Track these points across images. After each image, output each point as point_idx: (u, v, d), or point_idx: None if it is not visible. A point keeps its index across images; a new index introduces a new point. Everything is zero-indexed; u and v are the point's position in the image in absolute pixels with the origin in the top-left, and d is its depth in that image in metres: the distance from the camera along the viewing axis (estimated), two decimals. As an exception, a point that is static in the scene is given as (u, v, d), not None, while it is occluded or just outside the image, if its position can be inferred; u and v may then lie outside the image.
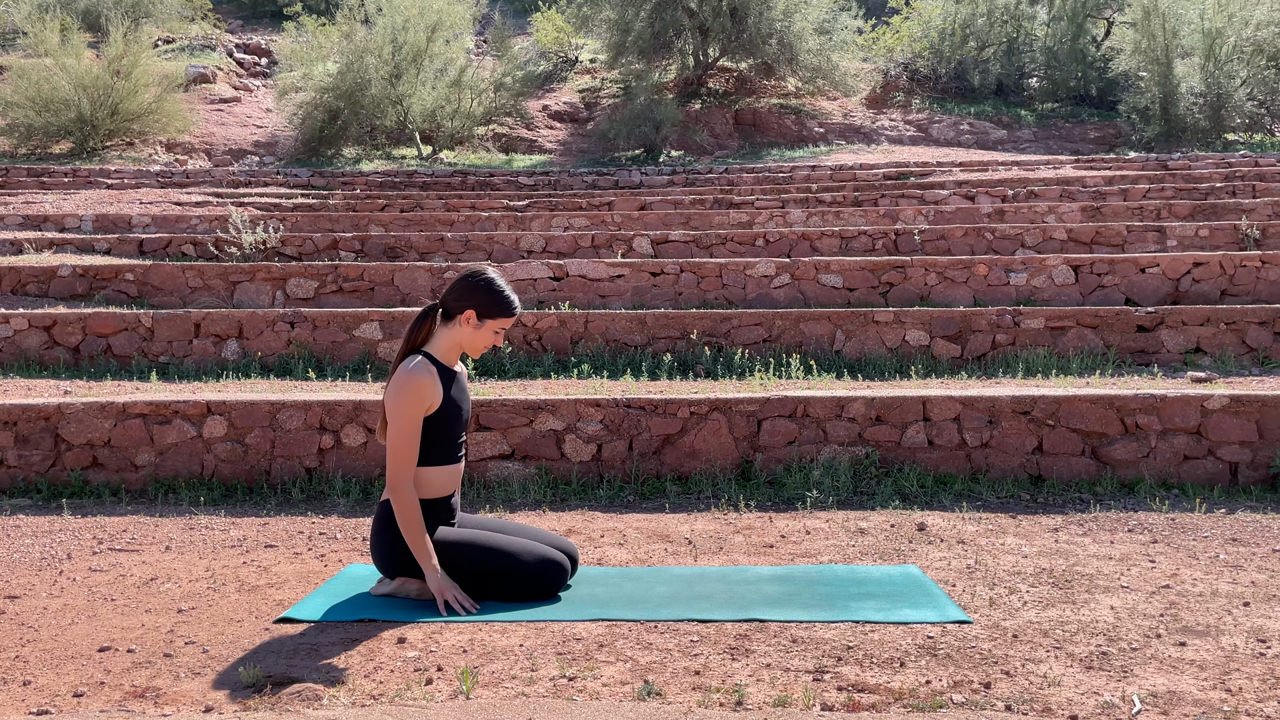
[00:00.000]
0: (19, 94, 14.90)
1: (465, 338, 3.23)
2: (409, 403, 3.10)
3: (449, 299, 3.22)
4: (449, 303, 3.23)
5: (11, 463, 4.97)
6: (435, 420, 3.17)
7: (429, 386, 3.13)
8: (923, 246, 8.93)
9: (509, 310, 3.22)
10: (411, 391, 3.10)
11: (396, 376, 3.14)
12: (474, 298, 3.20)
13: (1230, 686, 2.48)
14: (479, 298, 3.20)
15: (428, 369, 3.15)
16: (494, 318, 3.21)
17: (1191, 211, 9.85)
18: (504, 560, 3.13)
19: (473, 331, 3.22)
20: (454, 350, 3.26)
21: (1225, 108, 15.96)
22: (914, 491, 4.73)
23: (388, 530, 3.15)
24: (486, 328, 3.22)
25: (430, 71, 16.91)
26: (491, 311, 3.21)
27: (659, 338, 6.76)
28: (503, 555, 3.14)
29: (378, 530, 3.19)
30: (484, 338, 3.23)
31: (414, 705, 2.38)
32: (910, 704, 2.37)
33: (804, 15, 17.57)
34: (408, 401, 3.10)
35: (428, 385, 3.12)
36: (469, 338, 3.23)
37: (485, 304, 3.20)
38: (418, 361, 3.16)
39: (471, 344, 3.25)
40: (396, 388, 3.12)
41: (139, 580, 3.49)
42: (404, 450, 3.10)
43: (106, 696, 2.47)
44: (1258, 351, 6.51)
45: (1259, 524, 4.18)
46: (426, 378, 3.13)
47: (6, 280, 8.03)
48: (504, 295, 3.22)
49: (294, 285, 7.95)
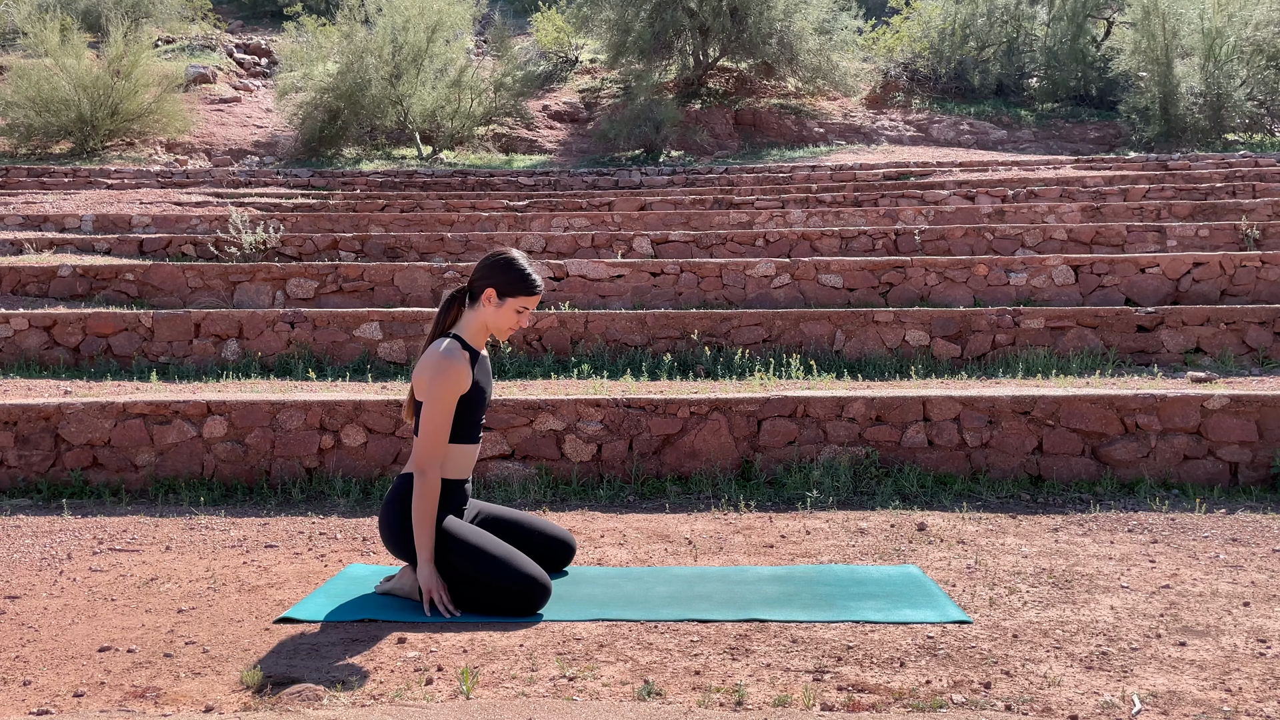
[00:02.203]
0: (19, 94, 14.91)
1: (489, 318, 3.23)
2: (446, 386, 3.10)
3: (473, 280, 3.24)
4: (473, 283, 3.24)
5: (11, 463, 4.98)
6: (464, 402, 3.17)
7: (464, 373, 3.14)
8: (923, 246, 8.93)
9: (530, 288, 3.22)
10: (450, 376, 3.11)
11: (430, 360, 3.13)
12: (494, 276, 3.20)
13: (1230, 686, 2.48)
14: (499, 276, 3.20)
15: (460, 353, 3.15)
16: (514, 295, 3.21)
17: (1191, 211, 9.85)
18: (488, 569, 3.06)
19: (495, 311, 3.21)
20: (481, 333, 3.26)
21: (1225, 108, 15.97)
22: (914, 491, 4.73)
23: (401, 506, 3.14)
24: (508, 306, 3.21)
25: (430, 72, 16.91)
26: (511, 289, 3.20)
27: (659, 338, 6.76)
28: (489, 564, 3.06)
29: (392, 503, 3.17)
30: (506, 317, 3.23)
31: (414, 705, 2.38)
32: (910, 704, 2.37)
33: (804, 15, 17.58)
34: (445, 385, 3.10)
35: (463, 371, 3.13)
36: (492, 318, 3.23)
37: (505, 282, 3.20)
38: (449, 344, 3.16)
39: (496, 324, 3.24)
40: (434, 371, 3.11)
41: (139, 580, 3.49)
42: (438, 433, 3.11)
43: (106, 696, 2.47)
44: (1258, 351, 6.51)
45: (1259, 524, 4.18)
46: (461, 362, 3.14)
47: (6, 280, 8.03)
48: (524, 272, 3.21)
49: (294, 285, 7.95)
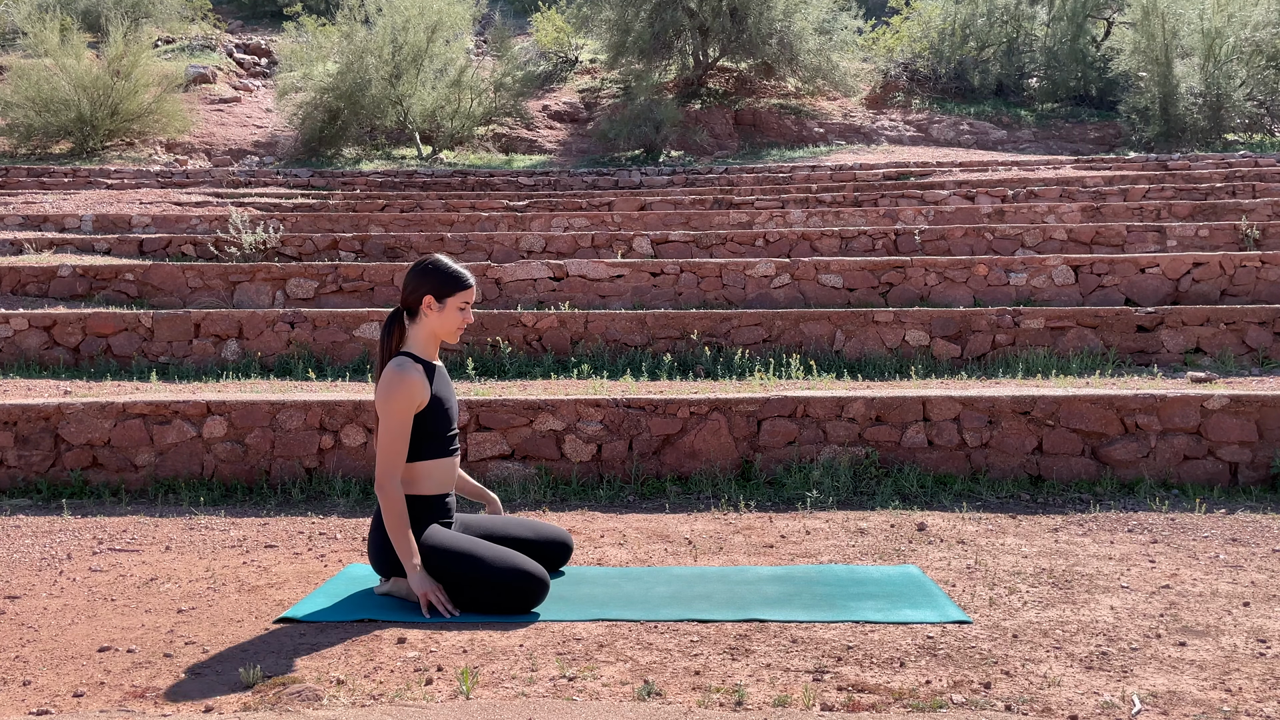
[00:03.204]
0: (19, 94, 14.90)
1: (435, 324, 3.28)
2: (399, 402, 3.14)
3: (405, 295, 3.29)
4: (406, 298, 3.29)
5: (11, 463, 4.98)
6: (425, 416, 3.21)
7: (418, 385, 3.17)
8: (923, 246, 8.93)
9: (463, 282, 3.29)
10: (402, 390, 3.14)
11: (386, 376, 3.17)
12: (427, 282, 3.26)
13: (1230, 686, 2.48)
14: (431, 280, 3.26)
15: (414, 367, 3.19)
16: (451, 294, 3.26)
17: (1191, 211, 9.85)
18: (478, 568, 3.06)
19: (438, 316, 3.26)
20: (431, 342, 3.30)
21: (1225, 108, 15.97)
22: (914, 491, 4.73)
23: (380, 529, 3.17)
24: (449, 307, 3.26)
25: (430, 72, 16.91)
26: (447, 289, 3.26)
27: (659, 338, 6.76)
28: (478, 564, 3.06)
29: (373, 529, 3.22)
30: (451, 318, 3.28)
31: (414, 705, 2.38)
32: (910, 704, 2.37)
33: (804, 15, 17.58)
34: (398, 401, 3.14)
35: (417, 384, 3.16)
36: (438, 323, 3.27)
37: (438, 284, 3.25)
38: (399, 359, 3.21)
39: (443, 328, 3.28)
40: (387, 387, 3.15)
41: (139, 580, 3.49)
42: (392, 447, 3.13)
43: (106, 696, 2.47)
44: (1258, 351, 6.51)
45: (1259, 524, 4.18)
46: (415, 376, 3.17)
47: (6, 280, 8.03)
48: (452, 270, 3.28)
49: (294, 285, 7.95)
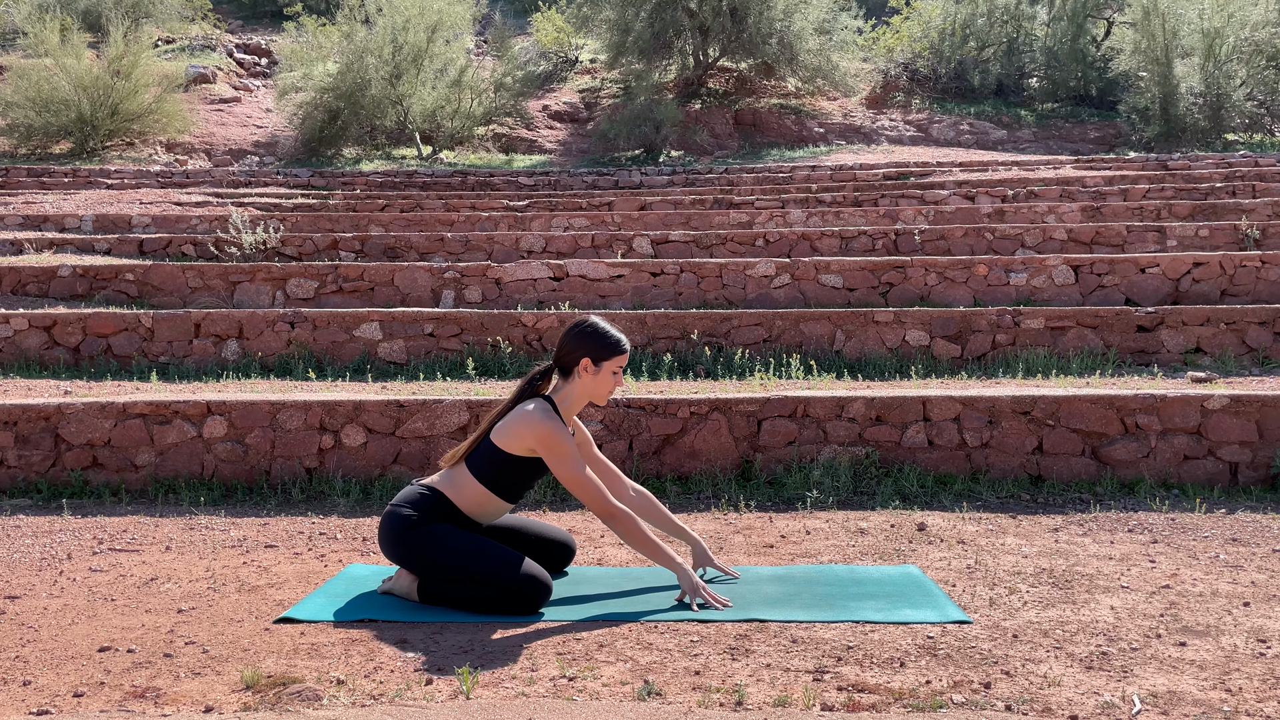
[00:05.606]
0: (19, 94, 14.90)
1: (590, 387, 3.31)
2: (557, 442, 3.17)
3: (561, 354, 3.32)
4: (563, 358, 3.31)
5: (11, 463, 4.98)
6: (528, 464, 3.24)
7: (563, 429, 3.21)
8: (923, 246, 8.93)
9: (619, 349, 3.31)
10: (558, 436, 3.17)
11: (537, 426, 3.17)
12: (585, 345, 3.29)
13: (1230, 686, 2.48)
14: (590, 344, 3.29)
15: (554, 415, 3.23)
16: (608, 359, 3.29)
17: (1191, 211, 9.85)
18: (481, 568, 3.08)
19: (593, 378, 3.29)
20: (579, 403, 3.34)
21: (1225, 108, 15.97)
22: (914, 491, 4.73)
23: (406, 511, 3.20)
24: (604, 371, 3.30)
25: (430, 72, 16.91)
26: (606, 353, 3.29)
27: (659, 338, 6.76)
28: (481, 563, 3.08)
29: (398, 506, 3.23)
30: (605, 382, 3.31)
31: (414, 705, 2.38)
32: (910, 704, 2.37)
33: (804, 15, 17.57)
34: (556, 442, 3.17)
35: (563, 428, 3.21)
36: (592, 385, 3.31)
37: (597, 348, 3.28)
38: (542, 404, 3.23)
39: (596, 391, 3.32)
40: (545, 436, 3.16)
41: (139, 580, 3.49)
42: (584, 482, 3.16)
43: (106, 696, 2.47)
44: (1258, 351, 6.51)
45: (1259, 524, 4.18)
46: (561, 424, 3.22)
47: (6, 280, 8.03)
48: (611, 336, 3.31)
49: (294, 285, 7.95)
